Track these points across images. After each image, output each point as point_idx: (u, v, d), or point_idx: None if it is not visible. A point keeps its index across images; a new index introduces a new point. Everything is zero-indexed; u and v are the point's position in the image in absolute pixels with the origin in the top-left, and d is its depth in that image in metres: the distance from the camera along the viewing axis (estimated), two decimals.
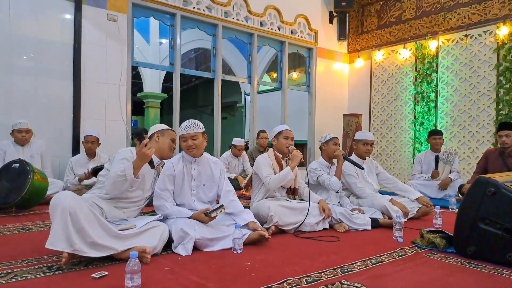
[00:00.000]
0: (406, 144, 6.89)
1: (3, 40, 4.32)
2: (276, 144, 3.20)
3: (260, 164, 3.08)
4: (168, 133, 2.58)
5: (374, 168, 3.77)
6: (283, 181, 2.99)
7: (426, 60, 6.48)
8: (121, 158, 2.32)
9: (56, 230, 1.84)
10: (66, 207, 1.86)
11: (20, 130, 3.99)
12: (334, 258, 2.23)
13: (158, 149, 2.52)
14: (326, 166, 3.46)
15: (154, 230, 2.21)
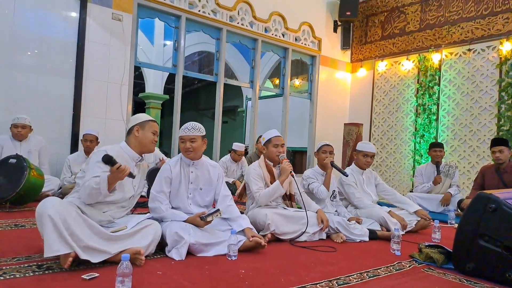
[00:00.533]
0: (406, 156, 6.86)
1: (7, 36, 4.30)
2: (266, 153, 3.07)
3: (250, 177, 2.98)
4: (148, 126, 2.38)
5: (373, 179, 3.73)
6: (273, 196, 2.92)
7: (428, 72, 6.49)
8: (96, 161, 2.15)
9: (51, 236, 1.77)
10: (55, 213, 1.79)
11: (17, 125, 3.96)
12: (331, 269, 2.19)
13: (138, 143, 2.35)
14: (320, 174, 3.41)
15: (146, 230, 2.18)
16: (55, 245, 1.77)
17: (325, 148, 3.37)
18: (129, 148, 2.34)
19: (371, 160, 3.59)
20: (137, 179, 2.36)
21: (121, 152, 2.29)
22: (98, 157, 2.12)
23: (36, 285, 1.64)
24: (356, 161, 3.67)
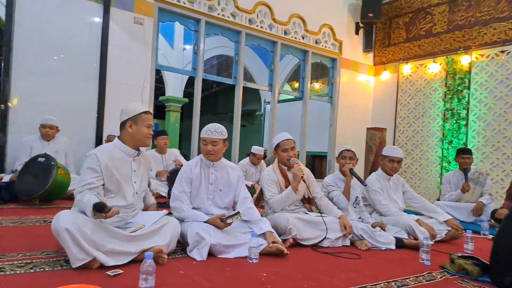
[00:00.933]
0: (433, 163, 6.62)
1: (35, 42, 4.42)
2: (278, 158, 3.01)
3: (264, 184, 2.92)
4: (141, 120, 2.21)
5: (401, 185, 3.58)
6: (287, 201, 2.85)
7: (457, 75, 6.25)
8: (86, 167, 2.07)
9: (72, 248, 1.77)
10: (70, 226, 1.78)
11: (45, 125, 4.11)
12: (355, 276, 2.09)
13: (132, 139, 2.21)
14: (342, 180, 3.29)
15: (165, 228, 2.16)
16: (79, 255, 1.78)
17: (345, 153, 3.25)
18: (123, 145, 2.22)
19: (398, 165, 3.44)
20: (138, 174, 2.27)
21: (114, 151, 2.19)
22: (88, 162, 2.07)
23: (63, 280, 1.65)
24: (382, 166, 3.53)
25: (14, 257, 1.91)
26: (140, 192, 2.31)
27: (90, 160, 2.08)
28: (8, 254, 1.95)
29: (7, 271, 1.70)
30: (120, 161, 2.18)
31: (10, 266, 1.78)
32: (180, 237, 2.31)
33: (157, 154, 4.98)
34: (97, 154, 2.10)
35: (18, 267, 1.78)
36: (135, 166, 2.25)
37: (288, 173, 2.98)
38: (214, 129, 2.51)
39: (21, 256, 1.94)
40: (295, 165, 2.82)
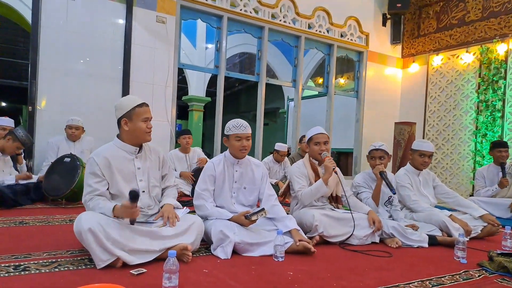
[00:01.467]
0: (465, 157, 6.33)
1: (61, 45, 4.54)
2: (309, 151, 2.94)
3: (293, 176, 2.85)
4: (136, 114, 2.07)
5: (431, 180, 3.41)
6: (317, 194, 2.76)
7: (492, 65, 5.93)
8: (88, 172, 2.02)
9: (96, 249, 1.76)
10: (92, 226, 1.76)
11: (71, 126, 4.21)
12: (387, 275, 1.99)
13: (130, 136, 2.11)
14: (374, 180, 3.14)
15: (190, 225, 2.12)
16: (103, 256, 1.77)
17: (373, 153, 3.08)
18: (122, 143, 2.13)
19: (428, 160, 3.26)
20: (144, 171, 2.17)
21: (114, 151, 2.11)
22: (88, 168, 2.02)
23: (87, 278, 1.66)
24: (411, 161, 3.37)
25: (40, 256, 1.93)
26: (151, 189, 2.20)
27: (89, 165, 2.03)
28: (34, 253, 1.97)
29: (32, 270, 1.72)
30: (122, 160, 2.09)
31: (35, 265, 1.79)
32: (204, 235, 2.27)
33: (180, 154, 5.00)
34: (94, 158, 2.04)
35: (43, 266, 1.79)
36: (139, 164, 2.15)
37: (319, 168, 2.90)
38: (246, 125, 2.46)
39: (46, 255, 1.95)
40: (327, 158, 2.75)
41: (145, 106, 2.12)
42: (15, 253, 1.96)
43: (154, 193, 2.23)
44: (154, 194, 2.23)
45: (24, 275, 1.66)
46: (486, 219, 3.10)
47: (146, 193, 2.18)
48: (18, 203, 3.34)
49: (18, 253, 1.96)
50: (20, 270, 1.71)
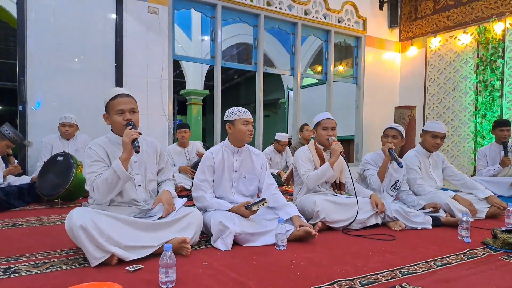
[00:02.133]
0: (465, 139, 6.28)
1: (53, 43, 4.44)
2: (316, 136, 2.91)
3: (299, 159, 2.83)
4: (111, 107, 2.01)
5: (440, 162, 3.37)
6: (322, 178, 2.72)
7: (490, 45, 5.85)
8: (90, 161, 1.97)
9: (89, 247, 1.70)
10: (85, 223, 1.70)
11: (64, 124, 4.10)
12: (391, 258, 1.96)
13: (115, 130, 2.07)
14: (382, 158, 3.13)
15: (187, 218, 2.06)
16: (96, 254, 1.71)
17: (388, 131, 3.08)
18: (116, 136, 2.08)
19: (440, 142, 3.20)
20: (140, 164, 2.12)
21: (108, 144, 2.07)
22: (88, 157, 1.98)
23: (81, 277, 1.61)
24: (422, 142, 3.30)
25: (32, 258, 1.87)
26: (147, 183, 2.15)
27: (88, 155, 1.99)
28: (25, 255, 1.91)
29: (23, 272, 1.65)
30: (118, 154, 2.00)
31: (26, 267, 1.73)
32: (203, 227, 2.23)
33: (179, 148, 4.90)
34: (93, 148, 2.01)
35: (34, 267, 1.72)
36: (134, 157, 2.07)
37: (324, 153, 2.88)
38: (246, 110, 2.46)
39: (38, 256, 1.89)
40: (334, 142, 2.73)
41: (120, 98, 2.01)
42: (5, 256, 1.88)
43: (151, 187, 2.18)
44: (150, 188, 2.18)
45: (14, 277, 1.60)
46: (491, 201, 3.07)
47: (142, 187, 2.13)
48: (11, 206, 3.23)
49: (9, 255, 1.89)
50: (9, 273, 1.64)
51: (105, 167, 1.98)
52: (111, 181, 1.88)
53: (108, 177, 1.87)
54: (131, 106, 2.03)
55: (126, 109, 2.01)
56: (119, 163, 1.87)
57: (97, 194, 1.92)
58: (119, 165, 1.87)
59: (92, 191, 1.94)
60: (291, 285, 1.54)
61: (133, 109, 2.05)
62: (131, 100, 2.05)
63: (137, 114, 2.08)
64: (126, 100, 2.02)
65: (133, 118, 2.02)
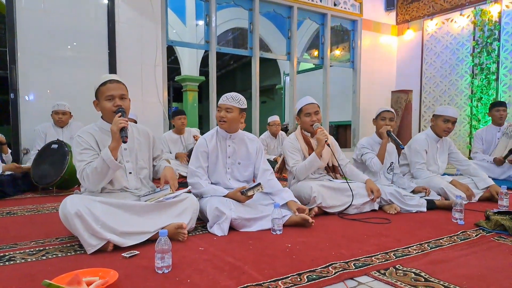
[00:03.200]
0: (461, 122, 6.30)
1: (44, 32, 4.36)
2: (300, 123, 2.85)
3: (286, 151, 2.80)
4: (101, 93, 1.99)
5: (447, 147, 3.38)
6: (311, 169, 2.72)
7: (486, 27, 5.81)
8: (80, 149, 1.95)
9: (84, 234, 1.70)
10: (79, 210, 1.69)
11: (57, 111, 4.05)
12: (386, 241, 1.98)
13: (105, 116, 2.05)
14: (377, 143, 3.14)
15: (184, 203, 2.06)
16: (92, 241, 1.71)
17: (385, 114, 3.08)
18: (106, 123, 2.06)
19: (452, 126, 3.18)
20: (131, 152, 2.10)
21: (98, 131, 2.04)
22: (79, 145, 1.96)
23: (77, 264, 1.61)
24: (433, 127, 3.29)
25: (27, 245, 1.87)
26: (138, 170, 2.12)
27: (77, 143, 1.97)
28: (20, 243, 1.91)
29: (18, 260, 1.65)
30: (107, 141, 1.97)
31: (21, 254, 1.73)
32: (199, 213, 2.24)
33: (175, 135, 4.87)
34: (81, 136, 1.99)
35: (29, 255, 1.72)
36: (125, 144, 2.03)
37: (312, 140, 2.85)
38: (231, 96, 2.39)
39: (33, 244, 1.89)
40: (319, 130, 2.68)
41: (109, 84, 1.98)
42: (0, 244, 1.88)
43: (142, 175, 2.16)
44: (142, 176, 2.16)
45: (9, 265, 1.60)
46: (493, 191, 3.09)
47: (133, 174, 2.11)
48: (6, 194, 3.21)
49: (4, 244, 1.88)
50: (4, 260, 1.64)
51: (95, 155, 1.97)
52: (100, 170, 1.87)
53: (97, 166, 1.87)
54: (121, 92, 2.01)
55: (116, 95, 1.99)
56: (108, 151, 1.86)
57: (87, 182, 1.92)
58: (108, 154, 1.86)
59: (83, 180, 1.93)
60: (287, 268, 1.55)
61: (123, 95, 2.03)
62: (121, 86, 2.03)
63: (128, 101, 2.06)
64: (116, 86, 1.99)
65: (123, 105, 2.00)
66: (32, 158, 3.75)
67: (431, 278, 1.45)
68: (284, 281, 1.41)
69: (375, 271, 1.53)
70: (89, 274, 1.38)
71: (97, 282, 1.32)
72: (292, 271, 1.51)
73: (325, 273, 1.50)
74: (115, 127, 1.86)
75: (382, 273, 1.51)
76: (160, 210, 1.96)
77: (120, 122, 1.87)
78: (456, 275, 1.49)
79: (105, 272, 1.40)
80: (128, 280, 1.43)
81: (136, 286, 1.37)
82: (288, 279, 1.44)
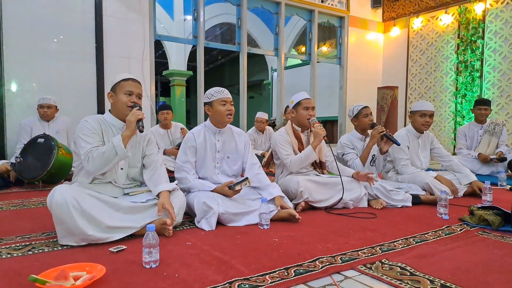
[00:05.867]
0: (446, 119, 6.42)
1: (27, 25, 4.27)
2: (296, 116, 2.85)
3: (277, 143, 2.80)
4: (120, 87, 2.04)
5: (429, 142, 3.43)
6: (306, 162, 2.75)
7: (470, 25, 5.92)
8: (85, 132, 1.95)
9: (63, 227, 1.72)
10: (67, 202, 1.69)
11: (42, 105, 3.98)
12: (372, 235, 2.01)
13: (114, 110, 2.08)
14: (359, 139, 3.18)
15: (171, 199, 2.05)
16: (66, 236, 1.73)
17: (367, 110, 3.10)
18: (111, 117, 2.07)
19: (430, 119, 3.23)
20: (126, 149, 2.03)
21: (99, 123, 2.02)
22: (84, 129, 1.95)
23: (64, 258, 1.59)
24: (413, 123, 3.34)
25: (12, 240, 1.85)
26: (129, 169, 2.11)
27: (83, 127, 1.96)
28: (6, 238, 1.88)
29: (3, 255, 1.63)
30: (110, 134, 2.02)
31: (7, 249, 1.71)
32: (187, 208, 2.24)
33: (161, 130, 4.81)
34: (88, 120, 2.00)
35: (15, 250, 1.70)
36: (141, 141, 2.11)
37: (302, 134, 2.87)
38: (227, 91, 2.43)
39: (19, 239, 1.87)
40: (316, 124, 2.71)
41: (132, 81, 2.07)
42: None
43: (132, 174, 2.14)
44: (132, 175, 2.14)
45: None
46: (474, 186, 3.16)
47: (124, 171, 2.10)
48: None
49: None
50: None
51: (100, 141, 1.98)
52: (108, 156, 1.89)
53: (106, 151, 1.89)
54: (140, 92, 2.10)
55: (135, 92, 2.06)
56: (120, 139, 1.90)
57: (91, 165, 1.90)
58: (119, 142, 1.89)
59: (87, 161, 1.90)
60: (274, 262, 1.57)
61: (140, 95, 2.10)
62: (140, 87, 2.12)
63: (141, 101, 2.12)
64: (137, 85, 2.09)
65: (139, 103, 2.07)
66: (17, 152, 3.68)
67: (417, 272, 1.48)
68: (272, 275, 1.42)
69: (361, 265, 1.55)
70: (76, 269, 1.37)
71: (84, 277, 1.31)
72: (279, 265, 1.53)
73: (312, 267, 1.52)
74: (133, 117, 1.94)
75: (368, 267, 1.54)
76: (147, 209, 1.97)
77: (138, 114, 1.95)
78: (441, 269, 1.52)
79: (92, 267, 1.39)
80: (115, 275, 1.42)
81: (123, 281, 1.37)
82: (275, 273, 1.45)
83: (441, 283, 1.37)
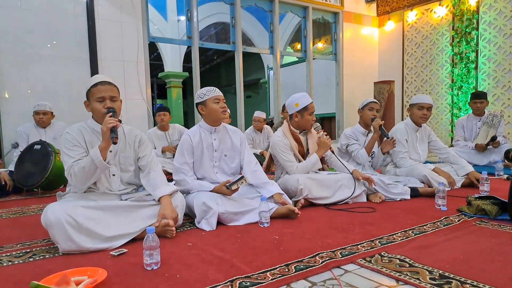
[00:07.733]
0: (443, 111, 6.43)
1: (21, 30, 4.24)
2: (299, 120, 2.82)
3: (278, 150, 2.78)
4: (92, 94, 1.95)
5: (427, 136, 3.45)
6: (311, 169, 2.78)
7: (465, 17, 5.91)
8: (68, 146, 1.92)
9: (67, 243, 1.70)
10: (61, 221, 1.67)
11: (38, 112, 3.94)
12: (371, 229, 2.03)
13: (95, 117, 2.02)
14: (362, 133, 3.22)
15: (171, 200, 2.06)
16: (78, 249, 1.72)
17: (373, 105, 3.15)
18: (95, 123, 2.03)
19: (428, 112, 3.26)
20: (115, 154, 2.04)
21: (81, 133, 1.99)
22: (68, 142, 1.93)
23: (65, 264, 1.60)
24: (411, 116, 3.37)
25: (13, 248, 1.84)
26: (122, 174, 2.08)
27: (66, 140, 1.94)
28: (6, 246, 1.88)
29: (4, 263, 1.63)
30: (95, 141, 1.98)
31: (8, 257, 1.70)
32: (187, 209, 2.25)
33: (159, 132, 4.84)
34: (70, 133, 1.97)
35: (16, 257, 1.70)
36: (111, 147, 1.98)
37: (301, 135, 2.89)
38: (217, 89, 2.45)
39: (20, 246, 1.87)
40: (322, 132, 2.77)
41: (101, 85, 1.95)
42: None
43: (126, 178, 2.11)
44: (125, 179, 2.11)
45: None
46: (472, 177, 3.17)
47: (117, 176, 2.07)
48: None
49: None
50: None
51: (84, 153, 1.95)
52: (88, 170, 1.85)
53: (85, 165, 1.85)
54: (112, 93, 1.98)
55: (107, 96, 1.96)
56: (97, 151, 1.84)
57: (74, 181, 1.90)
58: (97, 154, 1.84)
59: (70, 177, 1.91)
60: (275, 259, 1.58)
61: (114, 97, 1.99)
62: (112, 88, 1.99)
63: (119, 103, 2.02)
64: (107, 87, 1.96)
65: (114, 106, 1.96)
66: (14, 160, 3.67)
67: (416, 264, 1.50)
68: (272, 272, 1.43)
69: (361, 259, 1.56)
70: (77, 274, 1.38)
71: (86, 282, 1.31)
72: (280, 262, 1.54)
73: (312, 262, 1.53)
74: (105, 127, 1.84)
75: (368, 260, 1.55)
76: (144, 208, 1.97)
77: (109, 122, 1.83)
78: (440, 259, 1.53)
79: (93, 271, 1.40)
80: (117, 278, 1.43)
81: (125, 283, 1.38)
82: (276, 270, 1.46)
83: (439, 273, 1.39)
